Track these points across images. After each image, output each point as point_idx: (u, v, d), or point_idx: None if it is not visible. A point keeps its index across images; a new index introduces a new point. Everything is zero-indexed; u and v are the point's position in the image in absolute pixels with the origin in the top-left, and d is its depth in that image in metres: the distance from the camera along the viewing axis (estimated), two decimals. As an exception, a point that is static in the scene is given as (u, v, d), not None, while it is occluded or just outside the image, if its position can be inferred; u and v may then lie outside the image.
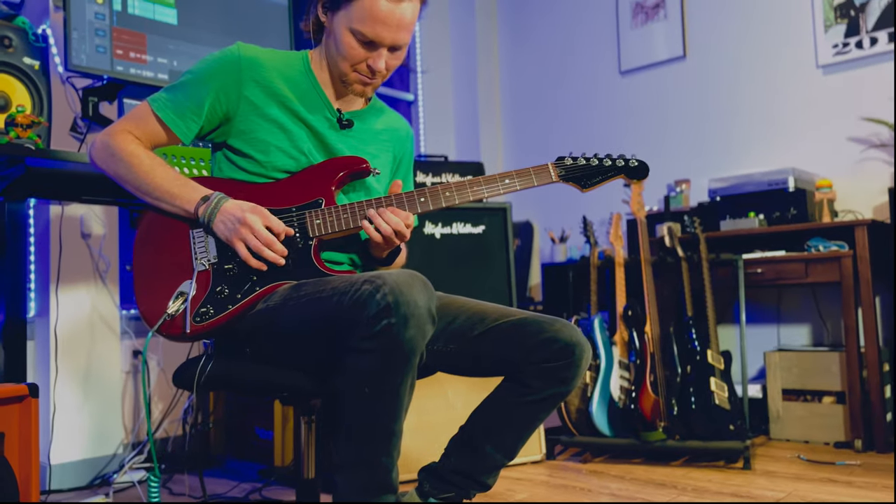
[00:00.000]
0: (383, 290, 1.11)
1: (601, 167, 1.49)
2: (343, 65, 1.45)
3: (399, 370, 1.13)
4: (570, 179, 1.48)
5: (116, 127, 1.48)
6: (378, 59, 1.43)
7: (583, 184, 1.49)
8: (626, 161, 1.50)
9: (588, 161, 1.49)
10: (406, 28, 1.41)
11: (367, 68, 1.45)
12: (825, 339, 3.26)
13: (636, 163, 1.51)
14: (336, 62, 1.47)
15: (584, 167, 1.48)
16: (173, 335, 1.35)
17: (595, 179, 1.49)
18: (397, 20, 1.39)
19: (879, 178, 3.14)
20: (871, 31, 3.15)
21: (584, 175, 1.48)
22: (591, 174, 1.49)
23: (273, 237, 1.35)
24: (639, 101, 3.90)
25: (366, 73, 1.46)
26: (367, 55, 1.43)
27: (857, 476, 2.40)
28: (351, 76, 1.47)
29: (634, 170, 1.50)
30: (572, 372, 1.39)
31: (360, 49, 1.42)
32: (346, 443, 1.18)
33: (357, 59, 1.44)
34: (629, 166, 1.50)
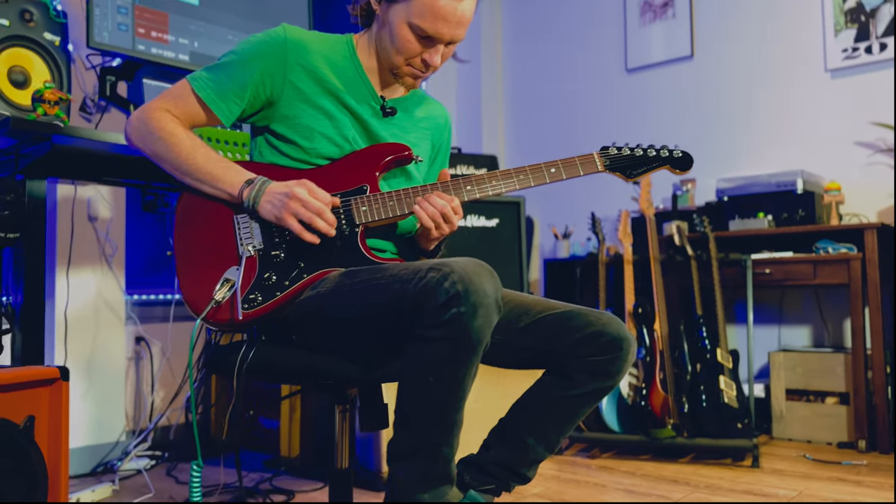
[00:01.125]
0: (452, 278, 1.09)
1: (646, 157, 1.48)
2: (396, 58, 1.43)
3: (465, 359, 1.11)
4: (615, 169, 1.47)
5: (154, 104, 1.44)
6: (434, 55, 1.41)
7: (628, 174, 1.47)
8: (671, 152, 1.49)
9: (633, 151, 1.48)
10: (465, 25, 1.40)
11: (422, 62, 1.43)
12: (826, 341, 3.30)
13: (680, 154, 1.50)
14: (389, 54, 1.44)
15: (630, 157, 1.47)
16: (220, 322, 1.32)
17: (640, 169, 1.48)
18: (458, 17, 1.37)
19: (885, 183, 3.18)
20: (881, 36, 3.19)
21: (630, 165, 1.47)
22: (636, 164, 1.47)
23: (322, 205, 1.33)
24: (645, 99, 3.90)
25: (419, 67, 1.44)
26: (422, 50, 1.41)
27: (864, 476, 2.43)
28: (403, 69, 1.45)
29: (679, 161, 1.49)
30: (618, 367, 1.38)
31: (417, 43, 1.40)
32: (404, 431, 1.17)
33: (412, 54, 1.41)
34: (673, 157, 1.49)
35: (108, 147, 1.76)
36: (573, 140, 4.14)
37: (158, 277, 3.00)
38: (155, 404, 2.91)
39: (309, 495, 2.30)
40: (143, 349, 2.92)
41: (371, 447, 2.51)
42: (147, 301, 2.96)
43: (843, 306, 3.25)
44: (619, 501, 2.19)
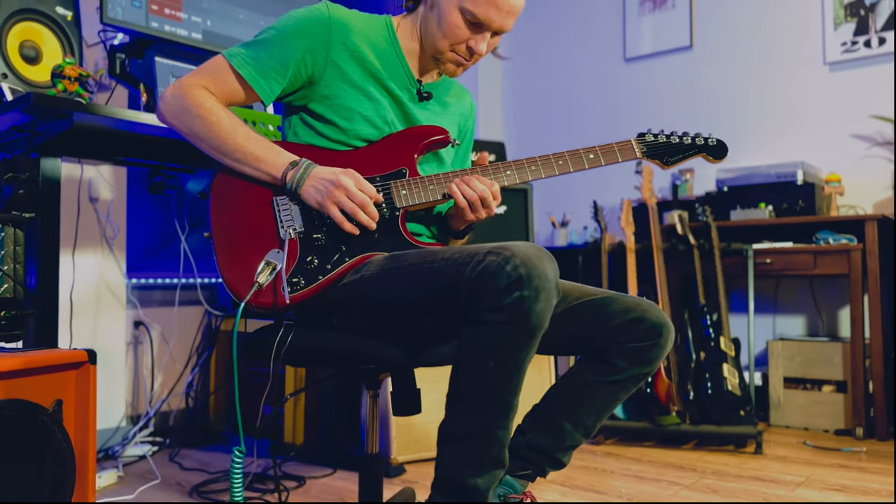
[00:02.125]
0: (513, 261, 1.08)
1: (682, 145, 1.48)
2: (442, 42, 1.41)
3: (525, 343, 1.11)
4: (652, 156, 1.47)
5: (190, 80, 1.40)
6: (481, 42, 1.40)
7: (665, 160, 1.48)
8: (706, 140, 1.49)
9: (669, 138, 1.48)
10: (514, 15, 1.38)
11: (467, 49, 1.41)
12: (820, 330, 3.35)
13: (715, 142, 1.50)
14: (434, 38, 1.42)
15: (667, 144, 1.47)
16: (263, 306, 1.30)
17: (676, 157, 1.48)
18: (510, 6, 1.36)
19: (882, 176, 3.23)
20: (880, 30, 3.23)
21: (667, 152, 1.47)
22: (672, 151, 1.48)
23: (367, 199, 1.31)
24: (643, 88, 3.92)
25: (464, 54, 1.42)
26: (470, 36, 1.39)
27: (866, 462, 2.48)
28: (447, 55, 1.43)
29: (714, 149, 1.50)
30: (657, 353, 1.39)
31: (465, 29, 1.38)
32: (459, 414, 1.16)
33: (459, 39, 1.40)
34: (709, 145, 1.49)
35: (128, 126, 1.72)
36: (571, 129, 4.14)
37: (157, 261, 2.95)
38: (154, 390, 2.86)
39: (320, 481, 2.28)
40: (142, 334, 2.87)
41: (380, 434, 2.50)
42: (146, 285, 2.91)
43: (837, 296, 3.31)
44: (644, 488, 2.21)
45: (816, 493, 2.13)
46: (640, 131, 1.49)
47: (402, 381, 1.51)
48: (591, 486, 2.22)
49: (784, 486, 2.21)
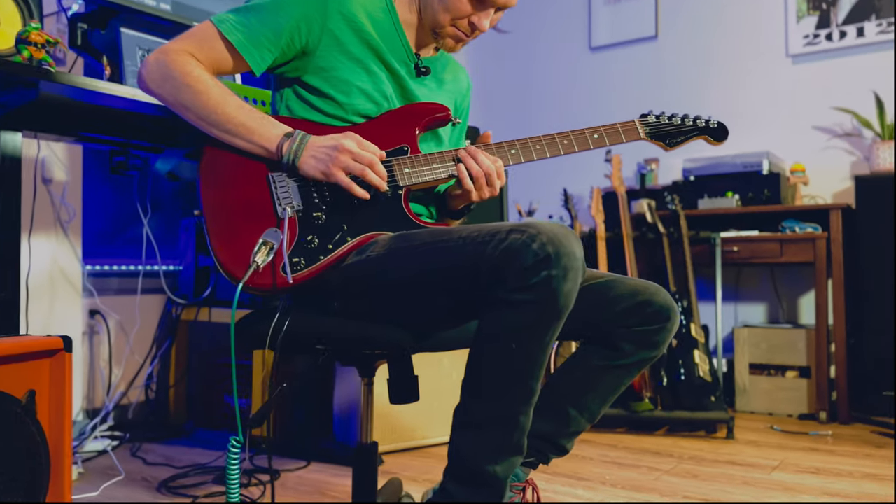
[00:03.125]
0: (540, 239, 1.03)
1: (684, 126, 1.46)
2: (443, 16, 1.35)
3: (551, 324, 1.06)
4: (656, 137, 1.44)
5: (174, 47, 1.31)
6: (484, 18, 1.35)
7: (668, 142, 1.45)
8: (707, 122, 1.48)
9: (671, 120, 1.46)
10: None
11: (469, 25, 1.36)
12: (781, 318, 3.42)
13: (716, 124, 1.49)
14: (435, 11, 1.36)
15: (669, 125, 1.45)
16: (261, 288, 1.22)
17: (679, 138, 1.46)
18: None
19: (841, 167, 3.31)
20: (841, 24, 3.30)
21: (670, 134, 1.45)
22: (675, 133, 1.46)
23: (374, 157, 1.25)
24: (608, 77, 3.92)
25: (465, 29, 1.37)
26: (472, 11, 1.34)
27: (834, 445, 2.54)
28: (447, 29, 1.37)
29: (715, 131, 1.48)
30: (664, 336, 1.36)
31: (469, 5, 1.33)
32: (477, 399, 1.11)
33: (461, 14, 1.34)
34: (710, 127, 1.48)
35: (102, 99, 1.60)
36: (535, 116, 4.12)
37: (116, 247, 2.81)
38: (112, 382, 2.73)
39: (295, 474, 2.20)
40: (98, 323, 2.72)
41: (353, 425, 2.44)
42: (104, 272, 2.76)
43: (798, 285, 3.38)
44: (613, 474, 2.20)
45: (792, 475, 2.16)
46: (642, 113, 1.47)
47: (400, 367, 1.45)
48: (573, 472, 2.20)
49: (760, 469, 2.23)
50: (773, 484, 2.07)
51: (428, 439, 2.49)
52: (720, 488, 2.03)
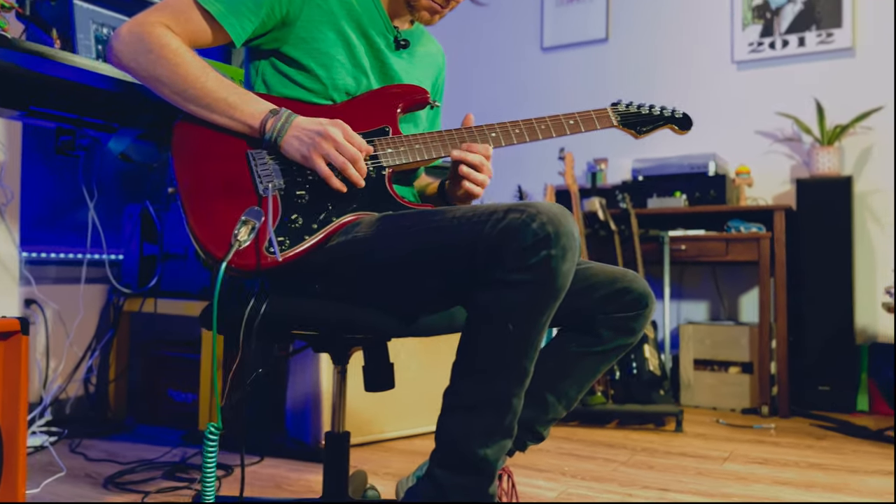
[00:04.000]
0: (540, 218, 1.02)
1: (652, 115, 1.48)
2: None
3: (548, 305, 1.05)
4: (627, 125, 1.46)
5: (149, 18, 1.25)
6: None
7: (638, 130, 1.47)
8: (673, 111, 1.50)
9: (640, 109, 1.48)
10: None
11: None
12: (721, 315, 3.53)
13: (681, 114, 1.51)
14: None
15: (638, 114, 1.47)
16: (244, 268, 1.17)
17: (648, 126, 1.48)
18: None
19: (781, 170, 3.44)
20: (784, 33, 3.42)
21: (639, 122, 1.47)
22: (644, 121, 1.47)
23: (357, 152, 1.21)
24: (560, 78, 3.97)
25: (440, 0, 1.35)
26: None
27: (777, 437, 2.62)
28: (422, 3, 1.35)
29: (681, 121, 1.50)
30: (641, 323, 1.38)
31: None
32: (470, 382, 1.08)
33: None
34: (675, 117, 1.49)
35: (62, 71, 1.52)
36: (485, 114, 4.12)
37: (57, 233, 2.67)
38: (49, 375, 2.59)
39: (249, 469, 2.14)
40: (34, 313, 2.58)
41: (307, 419, 2.38)
42: (41, 259, 2.62)
43: (738, 283, 3.49)
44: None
45: (742, 466, 2.22)
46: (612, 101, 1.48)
47: (376, 354, 1.42)
48: (532, 464, 2.20)
49: (712, 460, 2.29)
50: (726, 474, 2.13)
51: (385, 433, 2.45)
52: (676, 478, 2.07)
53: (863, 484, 2.04)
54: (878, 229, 3.23)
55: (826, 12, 3.33)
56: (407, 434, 2.51)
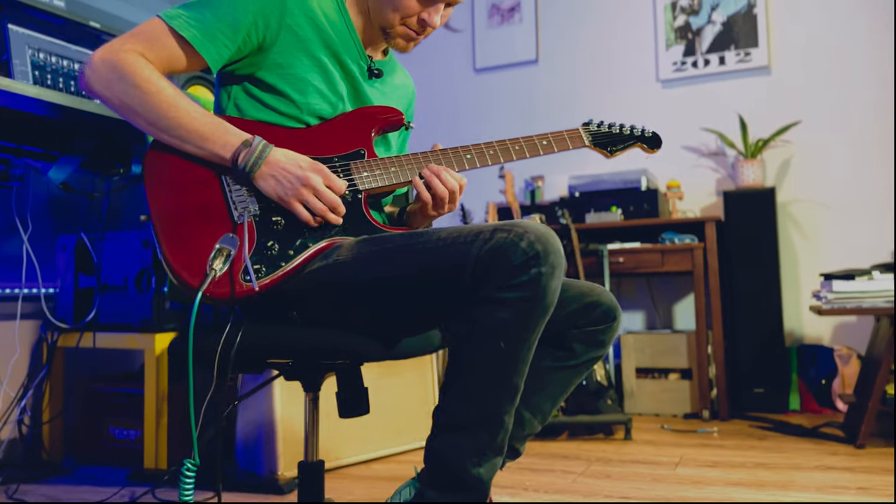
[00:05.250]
0: (528, 237, 1.04)
1: (623, 135, 1.53)
2: (392, 16, 1.34)
3: (538, 321, 1.07)
4: (598, 145, 1.51)
5: (121, 46, 1.22)
6: (434, 14, 1.35)
7: (609, 149, 1.52)
8: (643, 131, 1.56)
9: (610, 129, 1.53)
10: None
11: (419, 23, 1.36)
12: (657, 324, 3.65)
13: (650, 133, 1.57)
14: (383, 11, 1.35)
15: (609, 133, 1.52)
16: (220, 297, 1.14)
17: (619, 146, 1.53)
18: None
19: (707, 183, 3.60)
20: (705, 53, 3.60)
21: (611, 141, 1.52)
22: (616, 141, 1.52)
23: (338, 199, 1.22)
24: (493, 99, 4.04)
25: (415, 27, 1.37)
26: (421, 9, 1.34)
27: (722, 440, 2.72)
28: (397, 29, 1.37)
29: (650, 140, 1.56)
30: (610, 336, 1.42)
31: (416, 2, 1.33)
32: (462, 401, 1.09)
33: (410, 12, 1.34)
34: (645, 136, 1.55)
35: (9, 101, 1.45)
36: (420, 135, 4.15)
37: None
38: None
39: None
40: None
41: (260, 450, 2.32)
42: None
43: (672, 293, 3.62)
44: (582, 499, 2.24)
45: (694, 469, 2.30)
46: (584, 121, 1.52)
47: (349, 379, 1.41)
48: (493, 482, 2.21)
49: (665, 466, 2.35)
50: (680, 479, 2.19)
51: (341, 459, 2.42)
52: (635, 486, 2.12)
53: (809, 479, 2.14)
54: (800, 236, 3.42)
55: (743, 33, 3.52)
56: (363, 459, 2.48)
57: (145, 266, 2.45)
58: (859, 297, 2.54)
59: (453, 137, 3.98)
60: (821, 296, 2.64)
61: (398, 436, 2.58)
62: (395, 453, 2.57)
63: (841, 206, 3.36)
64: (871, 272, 2.57)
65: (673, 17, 3.66)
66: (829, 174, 3.39)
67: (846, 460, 2.36)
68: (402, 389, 2.60)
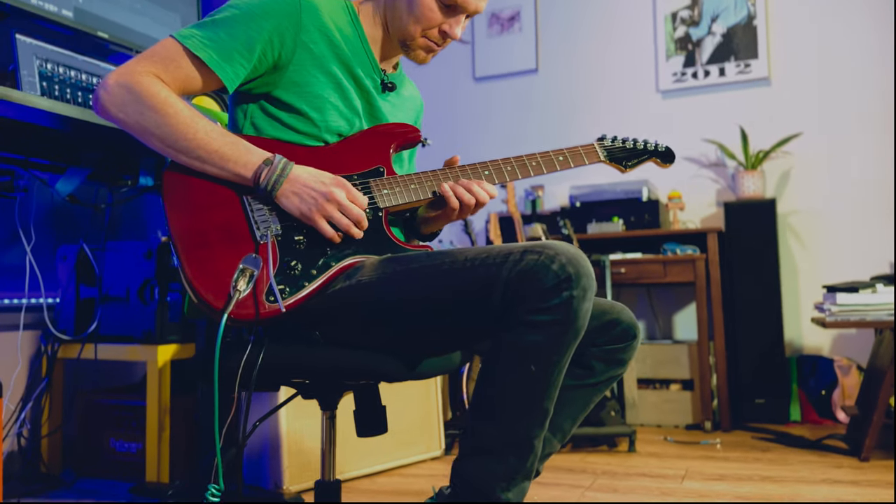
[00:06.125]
0: (559, 259, 1.04)
1: (636, 150, 1.53)
2: (413, 28, 1.34)
3: (569, 344, 1.06)
4: (613, 160, 1.50)
5: (137, 67, 1.20)
6: (455, 25, 1.35)
7: (623, 164, 1.51)
8: (657, 146, 1.55)
9: (625, 143, 1.52)
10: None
11: (440, 34, 1.35)
12: (657, 334, 3.65)
13: (664, 148, 1.56)
14: (404, 23, 1.34)
15: (623, 149, 1.51)
16: (244, 319, 1.13)
17: (633, 161, 1.53)
18: None
19: (708, 194, 3.61)
20: (705, 64, 3.62)
21: (626, 156, 1.51)
22: (630, 156, 1.52)
23: (362, 213, 1.20)
24: (492, 108, 4.04)
25: (436, 39, 1.36)
26: (443, 20, 1.34)
27: (726, 452, 2.73)
28: (418, 41, 1.36)
29: (664, 154, 1.55)
30: (630, 354, 1.41)
31: (439, 13, 1.32)
32: (492, 424, 1.08)
33: (432, 24, 1.33)
34: (658, 151, 1.55)
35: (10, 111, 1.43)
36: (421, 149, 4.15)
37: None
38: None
39: (212, 520, 2.04)
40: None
41: (266, 464, 2.30)
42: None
43: (672, 303, 3.63)
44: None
45: (702, 483, 2.30)
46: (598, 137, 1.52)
47: (367, 397, 1.40)
48: (501, 496, 2.20)
49: (671, 480, 2.35)
50: (688, 493, 2.19)
51: (346, 473, 2.40)
52: (643, 500, 2.12)
53: (816, 493, 2.15)
54: (800, 247, 3.43)
55: (743, 45, 3.54)
56: (367, 472, 2.47)
57: (148, 277, 2.42)
58: (863, 310, 2.55)
59: (452, 146, 3.98)
60: (824, 308, 2.65)
61: (403, 448, 2.57)
62: (400, 466, 2.56)
63: (841, 217, 3.38)
64: (875, 285, 2.58)
65: (673, 27, 3.68)
66: (829, 185, 3.41)
67: (851, 473, 2.36)
68: (406, 401, 2.58)
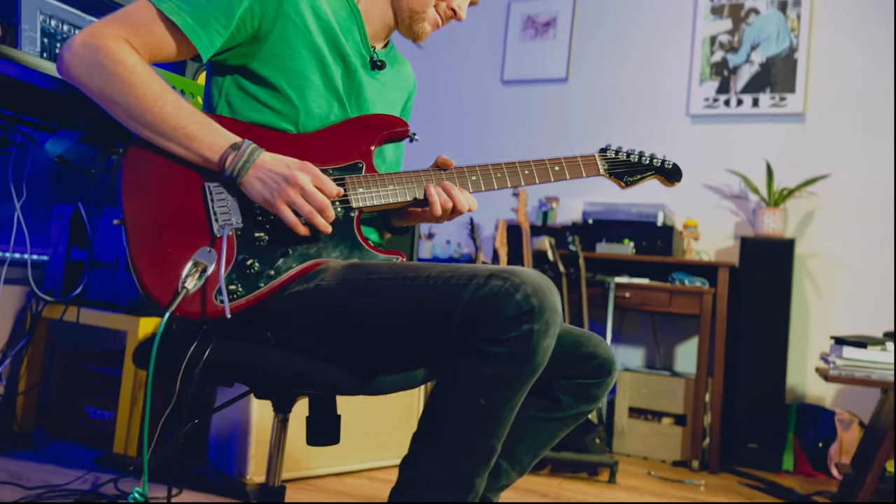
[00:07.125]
0: (524, 289, 0.96)
1: (641, 165, 1.45)
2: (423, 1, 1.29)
3: (525, 381, 0.99)
4: (613, 174, 1.42)
5: (105, 29, 1.13)
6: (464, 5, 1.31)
7: (624, 180, 1.44)
8: (663, 162, 1.47)
9: (629, 157, 1.44)
10: None
11: (449, 9, 1.31)
12: (657, 363, 3.55)
13: (671, 165, 1.48)
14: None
15: (626, 163, 1.44)
16: (189, 316, 1.06)
17: (636, 177, 1.45)
18: None
19: (726, 226, 3.50)
20: (739, 92, 3.50)
21: (627, 172, 1.44)
22: (632, 171, 1.44)
23: (327, 201, 1.13)
24: (517, 111, 3.96)
25: (445, 13, 1.32)
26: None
27: (708, 495, 2.63)
28: (429, 15, 1.32)
29: (669, 172, 1.47)
30: (603, 390, 1.34)
31: None
32: (434, 457, 1.00)
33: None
34: (664, 168, 1.47)
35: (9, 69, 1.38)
36: (442, 145, 4.07)
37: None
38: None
39: (167, 503, 1.99)
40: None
41: (232, 451, 2.25)
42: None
43: (676, 333, 3.53)
44: None
45: (676, 526, 2.21)
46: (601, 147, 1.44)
47: (323, 405, 1.34)
48: (466, 514, 2.13)
49: (647, 518, 2.27)
50: (660, 534, 2.11)
51: (314, 470, 2.34)
52: (611, 537, 2.04)
53: (793, 554, 2.05)
54: (814, 292, 3.31)
55: (781, 77, 3.42)
56: (336, 471, 2.41)
57: (139, 246, 2.38)
58: (869, 367, 2.44)
59: (477, 148, 3.91)
60: (829, 360, 2.54)
61: (376, 450, 2.50)
62: (371, 468, 2.50)
63: (859, 267, 3.26)
64: (885, 342, 2.47)
65: (711, 51, 3.57)
66: (852, 233, 3.28)
67: (835, 536, 2.26)
68: (384, 401, 2.51)
